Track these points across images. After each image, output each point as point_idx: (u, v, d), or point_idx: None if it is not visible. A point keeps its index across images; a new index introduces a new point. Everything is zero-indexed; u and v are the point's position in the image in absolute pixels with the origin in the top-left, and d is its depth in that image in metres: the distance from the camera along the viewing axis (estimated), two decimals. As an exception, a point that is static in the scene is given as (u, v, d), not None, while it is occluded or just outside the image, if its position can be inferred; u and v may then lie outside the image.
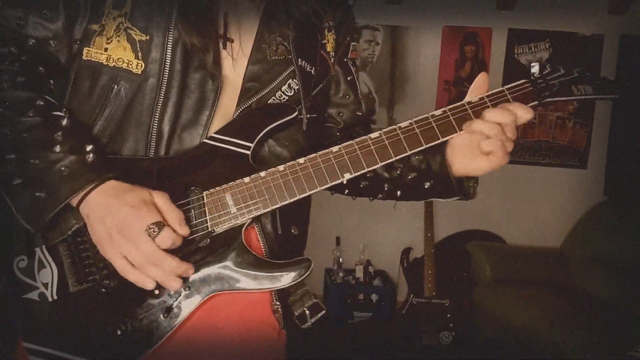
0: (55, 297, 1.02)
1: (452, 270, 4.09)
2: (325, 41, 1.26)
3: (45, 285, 1.02)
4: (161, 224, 0.96)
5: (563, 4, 4.36)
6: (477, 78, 1.14)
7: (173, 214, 1.00)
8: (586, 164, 4.55)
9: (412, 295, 3.93)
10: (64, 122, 1.02)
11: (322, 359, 3.67)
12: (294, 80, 1.18)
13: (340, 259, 4.46)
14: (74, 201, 0.99)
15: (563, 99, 1.13)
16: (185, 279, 1.02)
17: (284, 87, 1.18)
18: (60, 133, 1.00)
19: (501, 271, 4.02)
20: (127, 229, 0.96)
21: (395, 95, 4.56)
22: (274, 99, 1.16)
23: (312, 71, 1.23)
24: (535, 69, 1.15)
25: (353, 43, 1.33)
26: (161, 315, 1.03)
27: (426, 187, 1.19)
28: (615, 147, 4.51)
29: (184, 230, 1.00)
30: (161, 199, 1.00)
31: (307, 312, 1.17)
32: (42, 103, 1.03)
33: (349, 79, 1.33)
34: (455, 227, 4.55)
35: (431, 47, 4.51)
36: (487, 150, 1.09)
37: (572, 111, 4.53)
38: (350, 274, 4.40)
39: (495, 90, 1.13)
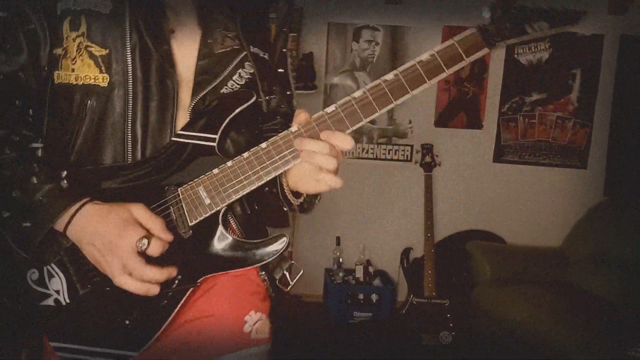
0: (68, 301, 1.13)
1: (452, 270, 4.09)
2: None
3: (57, 291, 1.13)
4: (148, 237, 1.06)
5: (563, 4, 4.35)
6: (296, 115, 1.14)
7: (154, 224, 1.08)
8: (586, 164, 4.55)
9: (412, 295, 3.93)
10: (39, 152, 1.13)
11: (322, 359, 3.67)
12: (244, 70, 1.25)
13: (340, 259, 4.46)
14: (60, 227, 1.08)
15: (517, 40, 1.13)
16: (178, 269, 1.12)
17: (235, 77, 1.24)
18: (35, 165, 1.10)
19: (501, 271, 4.02)
20: (116, 249, 1.05)
21: (395, 95, 4.56)
22: (226, 88, 1.23)
23: (266, 56, 1.29)
24: (485, 13, 1.14)
25: (292, 34, 1.36)
26: (162, 302, 1.14)
27: (265, 190, 1.22)
28: (615, 147, 4.51)
29: (168, 236, 1.09)
30: (140, 211, 1.09)
31: (287, 274, 1.27)
32: (17, 138, 1.12)
33: (279, 70, 1.36)
34: (455, 227, 4.55)
35: (431, 47, 4.48)
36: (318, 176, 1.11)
37: (572, 111, 4.53)
38: (350, 274, 4.40)
39: (445, 44, 1.14)
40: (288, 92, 1.36)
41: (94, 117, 1.16)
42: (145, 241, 1.05)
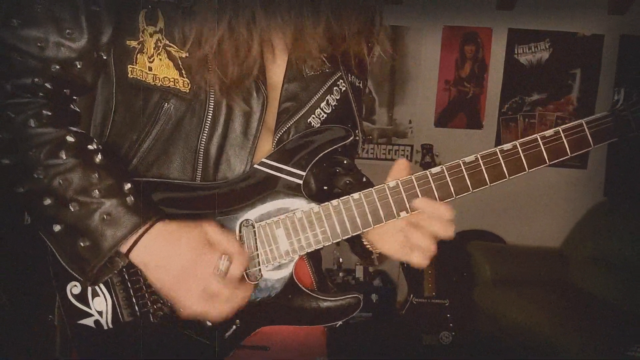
0: (111, 326, 1.01)
1: (452, 270, 4.09)
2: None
3: (100, 313, 1.01)
4: (226, 258, 0.96)
5: (563, 4, 4.36)
6: (396, 164, 1.05)
7: (230, 244, 0.98)
8: (586, 164, 4.55)
9: (412, 295, 3.93)
10: (98, 158, 0.97)
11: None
12: (332, 96, 1.12)
13: (340, 259, 4.46)
14: (123, 248, 0.96)
15: None
16: (238, 312, 1.01)
17: (323, 104, 1.11)
18: (96, 174, 0.95)
19: (501, 271, 4.02)
20: (195, 272, 0.95)
21: (395, 95, 4.56)
22: (313, 118, 1.11)
23: (361, 85, 1.16)
24: (619, 95, 1.01)
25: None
26: (214, 347, 1.03)
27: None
28: (615, 147, 4.51)
29: (246, 255, 0.99)
30: (214, 231, 0.98)
31: None
32: (72, 140, 0.97)
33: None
34: (455, 227, 4.54)
35: (431, 47, 4.50)
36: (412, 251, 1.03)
37: (572, 111, 4.53)
38: (350, 274, 4.40)
39: (573, 124, 1.02)
40: (361, 109, 1.23)
41: (168, 122, 1.03)
42: (226, 261, 0.95)
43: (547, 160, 1.00)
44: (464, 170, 1.00)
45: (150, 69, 1.02)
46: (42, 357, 1.03)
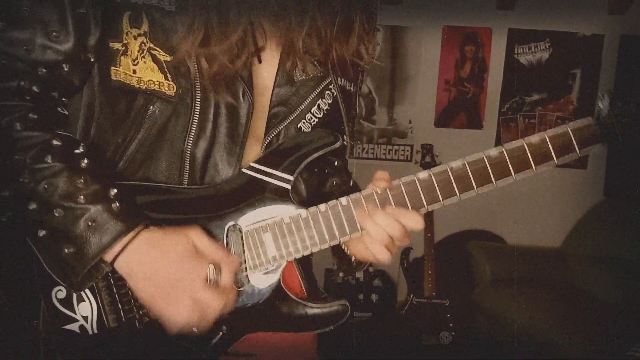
0: (96, 332, 0.99)
1: (452, 270, 4.09)
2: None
3: (85, 318, 0.99)
4: (214, 269, 0.95)
5: (563, 4, 4.36)
6: (377, 174, 1.03)
7: (218, 251, 0.97)
8: (586, 164, 4.55)
9: (412, 295, 3.93)
10: (84, 162, 0.96)
11: (322, 358, 3.66)
12: (323, 100, 1.11)
13: (340, 259, 4.46)
14: (108, 256, 0.94)
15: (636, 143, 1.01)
16: (224, 319, 1.01)
17: (314, 109, 1.10)
18: (82, 179, 0.94)
19: (501, 271, 4.02)
20: (185, 284, 0.93)
21: (395, 95, 4.56)
22: (304, 123, 1.10)
23: (352, 88, 1.15)
24: (603, 104, 1.02)
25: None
26: (202, 355, 1.02)
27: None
28: (615, 147, 4.50)
29: (234, 261, 0.98)
30: (198, 239, 0.96)
31: None
32: (59, 143, 0.95)
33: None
34: (455, 227, 4.55)
35: (431, 47, 4.50)
36: (371, 250, 1.02)
37: (572, 111, 4.53)
38: (351, 274, 4.40)
39: (558, 131, 1.03)
40: (353, 112, 1.21)
41: (154, 126, 1.02)
42: (212, 269, 0.94)
43: (534, 169, 1.02)
44: (451, 176, 1.00)
45: (134, 71, 1.00)
46: None
